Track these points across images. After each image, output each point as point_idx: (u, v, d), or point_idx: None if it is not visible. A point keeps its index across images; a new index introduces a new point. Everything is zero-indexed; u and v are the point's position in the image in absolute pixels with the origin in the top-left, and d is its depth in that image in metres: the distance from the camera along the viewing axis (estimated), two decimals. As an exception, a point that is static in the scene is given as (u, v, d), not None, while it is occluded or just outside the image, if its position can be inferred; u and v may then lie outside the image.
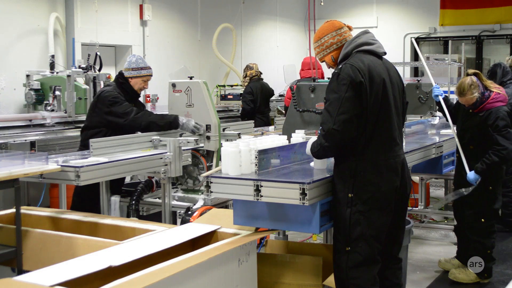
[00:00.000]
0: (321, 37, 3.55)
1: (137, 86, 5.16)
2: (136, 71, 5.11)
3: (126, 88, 5.12)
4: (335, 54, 3.52)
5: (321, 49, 3.56)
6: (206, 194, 3.43)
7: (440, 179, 7.93)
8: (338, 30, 3.52)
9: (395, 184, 3.40)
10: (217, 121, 4.94)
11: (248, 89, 8.77)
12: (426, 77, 6.67)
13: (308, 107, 4.87)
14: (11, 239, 3.68)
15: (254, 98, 8.70)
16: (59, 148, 6.59)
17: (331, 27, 3.54)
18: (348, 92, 3.24)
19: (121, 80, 5.13)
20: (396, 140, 3.44)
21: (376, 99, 3.31)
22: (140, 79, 5.14)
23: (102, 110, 4.98)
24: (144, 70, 5.15)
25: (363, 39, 3.46)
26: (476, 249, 5.05)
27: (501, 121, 4.78)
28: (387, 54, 3.56)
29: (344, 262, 3.34)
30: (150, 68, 5.23)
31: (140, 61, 5.17)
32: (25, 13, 7.82)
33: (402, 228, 3.66)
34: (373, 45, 3.47)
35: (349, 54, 3.44)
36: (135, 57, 5.20)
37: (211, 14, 11.13)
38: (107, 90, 5.07)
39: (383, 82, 3.36)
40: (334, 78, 3.33)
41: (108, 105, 4.95)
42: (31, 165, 3.84)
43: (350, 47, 3.45)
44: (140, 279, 2.61)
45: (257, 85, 8.85)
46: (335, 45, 3.52)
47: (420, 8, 13.27)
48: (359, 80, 3.25)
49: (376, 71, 3.35)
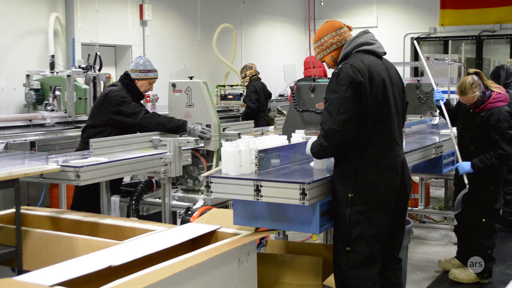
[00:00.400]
0: (321, 37, 3.55)
1: (143, 88, 5.20)
2: (144, 73, 5.15)
3: (132, 89, 5.14)
4: (335, 54, 3.53)
5: (321, 49, 3.57)
6: (206, 194, 3.43)
7: (440, 179, 7.93)
8: (338, 30, 3.53)
9: (395, 184, 3.40)
10: (217, 121, 4.94)
11: (252, 88, 8.78)
12: (426, 77, 6.68)
13: (308, 107, 4.87)
14: (11, 239, 3.68)
15: (259, 96, 8.72)
16: (59, 148, 6.59)
17: (331, 27, 3.54)
18: (348, 92, 3.24)
19: (127, 81, 5.15)
20: (396, 140, 3.44)
21: (376, 99, 3.31)
22: (147, 82, 5.19)
23: (109, 110, 4.98)
24: (151, 73, 5.20)
25: (363, 39, 3.47)
26: (477, 249, 5.05)
27: (503, 122, 4.77)
28: (387, 54, 3.56)
29: (344, 262, 3.35)
30: (156, 71, 5.29)
31: (147, 63, 5.21)
32: (25, 13, 7.82)
33: (402, 228, 3.66)
34: (373, 45, 3.47)
35: (349, 54, 3.44)
36: (142, 59, 5.22)
37: (211, 14, 11.13)
38: (114, 89, 5.08)
39: (383, 82, 3.36)
40: (334, 78, 3.33)
41: (116, 104, 4.96)
42: (31, 165, 3.84)
43: (350, 47, 3.45)
44: (140, 279, 2.61)
45: (259, 84, 8.88)
46: (335, 45, 3.52)
47: (420, 8, 13.27)
48: (359, 80, 3.25)
49: (376, 71, 3.35)
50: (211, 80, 10.77)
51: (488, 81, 4.97)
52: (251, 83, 8.88)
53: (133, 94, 5.13)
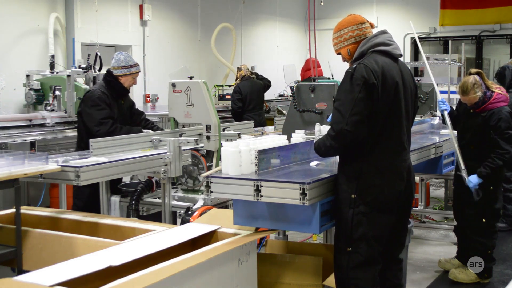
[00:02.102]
0: (341, 29, 3.50)
1: (127, 84, 5.28)
2: (126, 69, 5.23)
3: (115, 85, 5.21)
4: (352, 48, 3.48)
5: (339, 40, 3.52)
6: (206, 194, 3.43)
7: (440, 179, 7.93)
8: (360, 25, 3.48)
9: (399, 188, 3.39)
10: (217, 121, 4.94)
11: (236, 88, 8.91)
12: (426, 77, 6.68)
13: (308, 107, 4.87)
14: (11, 239, 3.68)
15: (242, 97, 8.76)
16: (59, 148, 6.60)
17: (353, 20, 3.50)
18: (361, 93, 3.21)
19: (109, 78, 5.23)
20: (403, 144, 3.42)
21: (387, 102, 3.28)
22: (130, 77, 5.27)
23: (82, 109, 5.11)
24: (133, 68, 5.27)
25: (380, 39, 3.43)
26: (477, 249, 5.05)
27: (503, 122, 4.77)
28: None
29: (345, 263, 3.34)
30: (138, 65, 5.36)
31: (128, 58, 5.28)
32: (25, 13, 7.82)
33: (405, 230, 3.65)
34: (389, 46, 3.43)
35: (364, 53, 3.40)
36: (123, 55, 5.29)
37: (211, 14, 11.13)
38: (92, 90, 5.20)
39: (395, 85, 3.33)
40: (347, 78, 3.28)
41: (90, 106, 5.05)
42: (31, 165, 3.84)
43: (366, 46, 3.41)
44: (140, 279, 2.61)
45: (247, 84, 8.91)
46: (353, 39, 3.47)
47: (420, 8, 13.27)
48: (372, 81, 3.22)
49: (390, 73, 3.32)
50: (211, 80, 10.78)
51: (489, 81, 4.97)
52: (237, 84, 8.96)
53: (116, 91, 5.21)
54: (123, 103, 5.35)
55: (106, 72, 5.33)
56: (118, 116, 5.19)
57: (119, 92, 5.24)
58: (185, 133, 5.09)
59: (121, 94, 5.28)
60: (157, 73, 9.83)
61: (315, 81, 5.04)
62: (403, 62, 3.54)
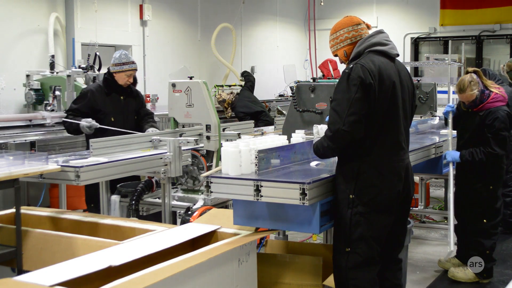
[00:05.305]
0: (337, 30, 3.52)
1: (121, 81, 5.43)
2: (119, 66, 5.39)
3: (111, 82, 5.43)
4: (348, 49, 3.49)
5: (336, 42, 3.53)
6: (206, 194, 3.43)
7: (440, 179, 7.93)
8: (355, 26, 3.49)
9: (397, 188, 3.39)
10: (217, 121, 4.94)
11: (239, 109, 9.39)
12: (426, 77, 6.68)
13: (308, 107, 4.87)
14: (11, 239, 3.68)
15: (247, 111, 9.16)
16: (59, 148, 6.59)
17: (349, 22, 3.51)
18: (358, 93, 3.21)
19: (106, 76, 5.47)
20: (401, 144, 3.42)
21: (384, 102, 3.29)
22: (124, 74, 5.41)
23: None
24: (126, 65, 5.40)
25: (376, 39, 3.43)
26: (476, 249, 5.05)
27: (498, 122, 4.77)
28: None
29: (344, 263, 3.34)
30: (133, 63, 5.47)
31: (123, 56, 5.42)
32: (25, 13, 7.82)
33: (404, 230, 3.66)
34: (386, 46, 3.44)
35: (361, 53, 3.41)
36: (119, 53, 5.47)
37: (211, 14, 11.13)
38: (88, 85, 5.58)
39: (393, 85, 3.33)
40: (344, 78, 3.29)
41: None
42: (31, 165, 3.84)
43: (362, 46, 3.42)
44: (140, 279, 2.61)
45: (240, 99, 9.43)
46: (349, 40, 3.48)
47: (420, 8, 13.27)
48: (368, 81, 3.22)
49: (387, 73, 3.32)
50: (211, 80, 10.78)
51: (488, 81, 4.97)
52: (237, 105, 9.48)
53: (113, 87, 5.42)
54: (123, 99, 5.47)
55: (107, 69, 5.53)
56: (111, 110, 5.37)
57: (115, 89, 5.42)
58: (185, 133, 5.09)
59: (118, 90, 5.43)
60: (157, 73, 9.84)
61: (315, 81, 5.05)
62: (400, 62, 3.55)
